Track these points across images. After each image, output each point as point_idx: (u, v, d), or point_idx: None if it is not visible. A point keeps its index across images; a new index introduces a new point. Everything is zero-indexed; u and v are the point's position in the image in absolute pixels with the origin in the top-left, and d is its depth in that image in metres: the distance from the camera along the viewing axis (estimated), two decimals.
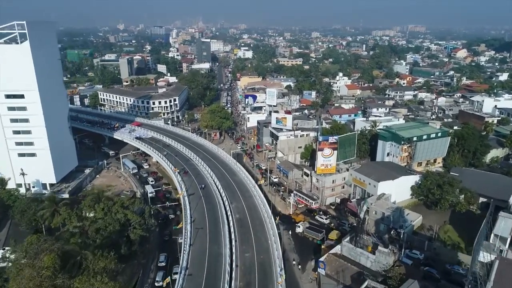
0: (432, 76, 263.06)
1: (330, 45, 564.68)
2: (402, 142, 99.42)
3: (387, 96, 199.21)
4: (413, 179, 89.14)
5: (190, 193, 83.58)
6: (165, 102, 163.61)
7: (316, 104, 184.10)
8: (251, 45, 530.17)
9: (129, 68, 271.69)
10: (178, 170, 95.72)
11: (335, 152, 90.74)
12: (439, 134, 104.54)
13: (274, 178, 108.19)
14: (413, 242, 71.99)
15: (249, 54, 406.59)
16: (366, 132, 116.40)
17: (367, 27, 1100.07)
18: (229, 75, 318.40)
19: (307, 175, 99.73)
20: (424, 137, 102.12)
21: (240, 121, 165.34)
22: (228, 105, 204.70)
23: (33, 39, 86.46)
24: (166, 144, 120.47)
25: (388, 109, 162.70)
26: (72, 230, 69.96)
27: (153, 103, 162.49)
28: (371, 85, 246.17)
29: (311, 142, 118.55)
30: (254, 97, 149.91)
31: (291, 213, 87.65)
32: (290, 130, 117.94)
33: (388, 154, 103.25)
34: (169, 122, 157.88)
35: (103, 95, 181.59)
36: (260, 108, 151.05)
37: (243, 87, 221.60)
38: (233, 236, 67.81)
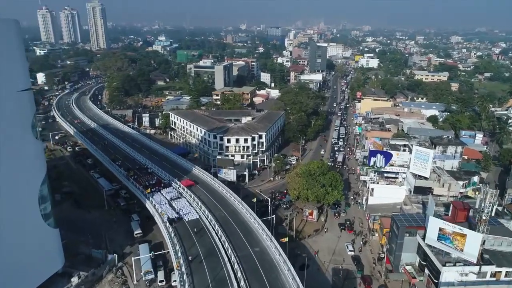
0: None
1: (480, 53, 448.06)
2: None
3: None
4: None
5: None
6: (245, 141, 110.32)
7: (488, 161, 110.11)
8: (376, 50, 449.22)
9: (226, 76, 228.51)
10: None
11: None
12: None
13: None
14: None
15: (374, 63, 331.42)
16: None
17: None
18: (346, 90, 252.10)
19: None
20: None
21: (357, 181, 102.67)
22: (340, 143, 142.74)
23: None
24: (210, 246, 65.87)
25: None
26: None
27: (228, 141, 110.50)
28: None
29: None
30: (388, 156, 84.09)
31: None
32: (473, 264, 52.87)
33: None
34: (246, 171, 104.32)
35: (174, 118, 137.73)
36: (396, 174, 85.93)
37: (364, 113, 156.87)
38: None
